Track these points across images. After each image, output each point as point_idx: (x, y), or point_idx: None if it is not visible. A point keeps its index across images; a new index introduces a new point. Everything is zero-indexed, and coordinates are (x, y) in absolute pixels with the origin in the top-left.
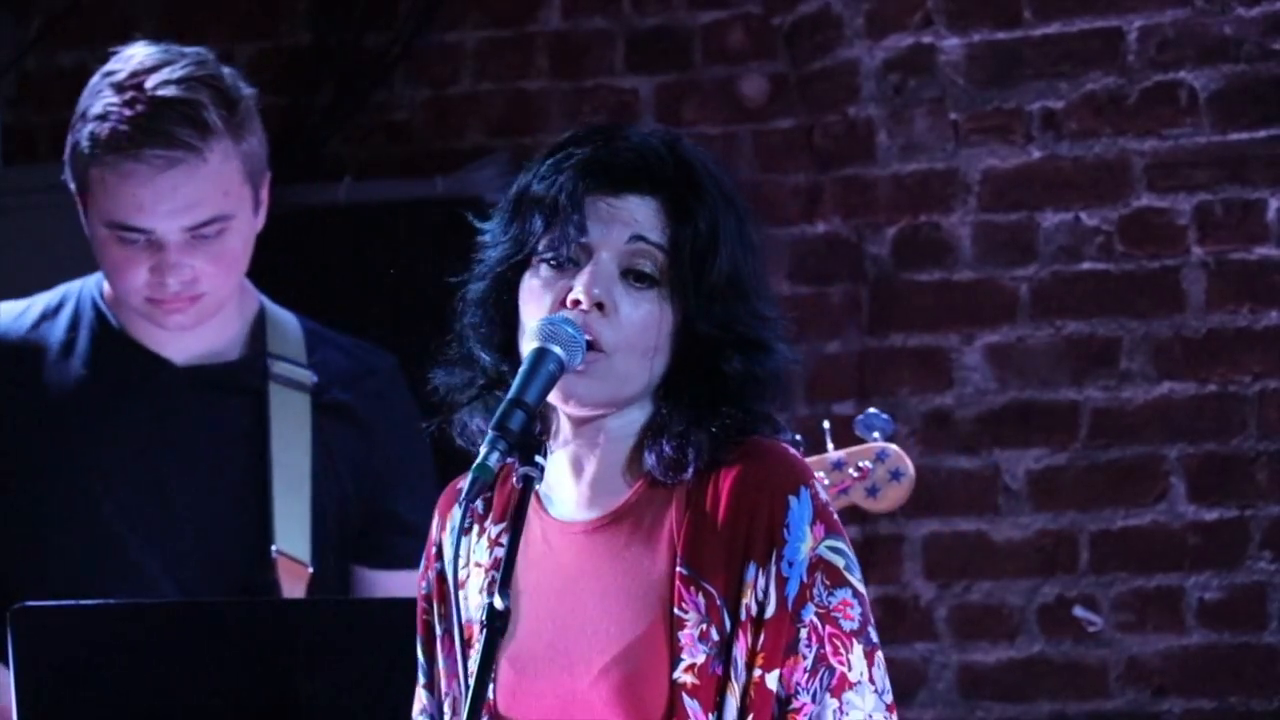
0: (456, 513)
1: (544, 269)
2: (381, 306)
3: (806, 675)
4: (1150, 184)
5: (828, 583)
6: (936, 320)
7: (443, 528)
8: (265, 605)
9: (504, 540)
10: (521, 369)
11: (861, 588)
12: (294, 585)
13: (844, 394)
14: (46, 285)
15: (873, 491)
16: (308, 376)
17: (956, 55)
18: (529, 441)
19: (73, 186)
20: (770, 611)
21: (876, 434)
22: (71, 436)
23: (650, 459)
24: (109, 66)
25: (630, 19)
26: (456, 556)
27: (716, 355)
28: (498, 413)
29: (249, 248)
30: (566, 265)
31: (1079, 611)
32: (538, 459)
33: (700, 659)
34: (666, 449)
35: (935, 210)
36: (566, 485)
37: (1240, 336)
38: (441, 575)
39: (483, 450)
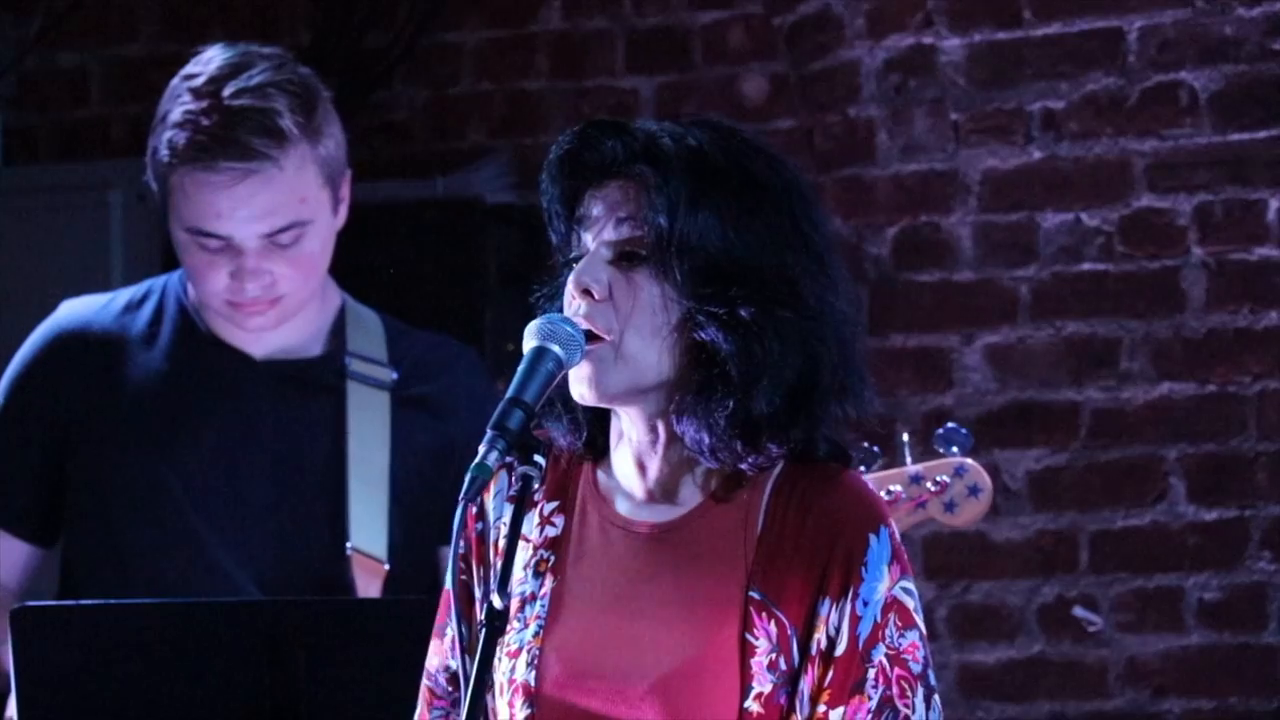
0: (504, 477)
1: (569, 274)
2: (382, 306)
3: (871, 715)
4: (1150, 184)
5: (900, 624)
6: (936, 320)
7: (487, 489)
8: (266, 605)
9: (556, 520)
10: (520, 368)
11: (925, 629)
12: (370, 582)
13: None
14: (47, 285)
15: (950, 507)
16: (387, 373)
17: (957, 55)
18: (528, 441)
19: (154, 188)
20: (841, 649)
21: (955, 449)
22: (150, 428)
23: (687, 440)
24: (188, 69)
25: (630, 19)
26: (499, 520)
27: (709, 321)
28: (496, 412)
29: (328, 248)
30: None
31: (1079, 611)
32: (537, 458)
33: (768, 688)
34: (691, 430)
35: (935, 211)
36: (631, 483)
37: (1240, 337)
38: (482, 537)
39: (481, 449)
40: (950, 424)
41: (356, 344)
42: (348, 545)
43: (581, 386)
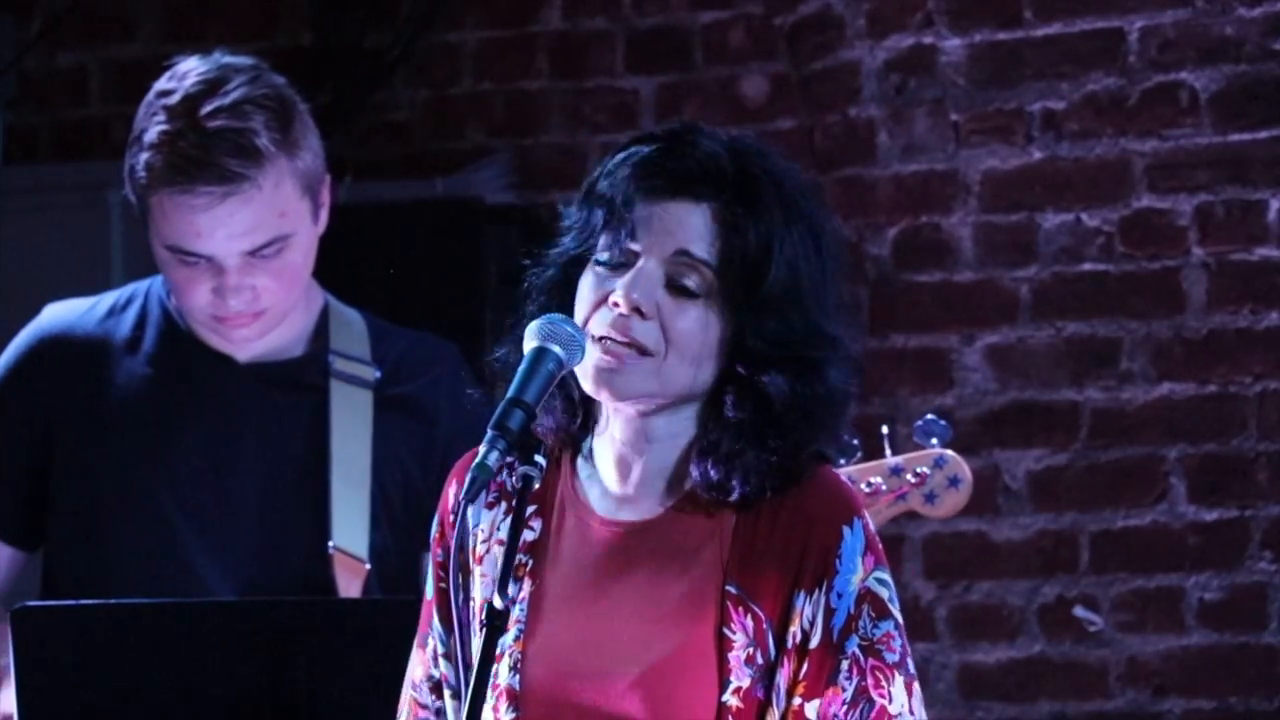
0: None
1: (597, 268)
2: (381, 307)
3: (846, 707)
4: (1151, 185)
5: (873, 615)
6: (936, 321)
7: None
8: (266, 605)
9: (534, 524)
10: (520, 368)
11: (900, 618)
12: (351, 582)
13: None
14: (46, 285)
15: (930, 498)
16: (370, 372)
17: (957, 55)
18: (528, 441)
19: (134, 202)
20: (815, 641)
21: (935, 440)
22: (134, 432)
23: (695, 474)
24: (163, 84)
25: (630, 19)
26: (478, 526)
27: (762, 372)
28: (497, 412)
29: (310, 256)
30: (617, 268)
31: (1079, 611)
32: (537, 458)
33: (745, 682)
34: (713, 473)
35: (935, 211)
36: (611, 482)
37: (1240, 337)
38: (461, 545)
39: (482, 449)
40: (929, 415)
41: (339, 343)
42: (329, 544)
43: (595, 383)
